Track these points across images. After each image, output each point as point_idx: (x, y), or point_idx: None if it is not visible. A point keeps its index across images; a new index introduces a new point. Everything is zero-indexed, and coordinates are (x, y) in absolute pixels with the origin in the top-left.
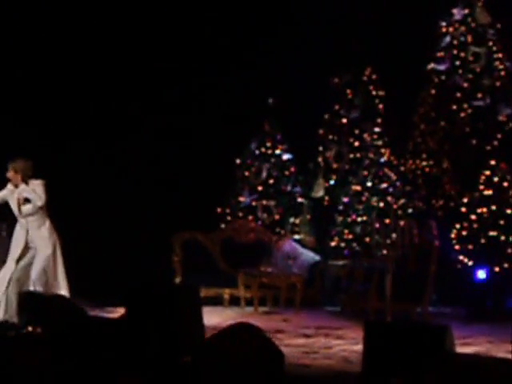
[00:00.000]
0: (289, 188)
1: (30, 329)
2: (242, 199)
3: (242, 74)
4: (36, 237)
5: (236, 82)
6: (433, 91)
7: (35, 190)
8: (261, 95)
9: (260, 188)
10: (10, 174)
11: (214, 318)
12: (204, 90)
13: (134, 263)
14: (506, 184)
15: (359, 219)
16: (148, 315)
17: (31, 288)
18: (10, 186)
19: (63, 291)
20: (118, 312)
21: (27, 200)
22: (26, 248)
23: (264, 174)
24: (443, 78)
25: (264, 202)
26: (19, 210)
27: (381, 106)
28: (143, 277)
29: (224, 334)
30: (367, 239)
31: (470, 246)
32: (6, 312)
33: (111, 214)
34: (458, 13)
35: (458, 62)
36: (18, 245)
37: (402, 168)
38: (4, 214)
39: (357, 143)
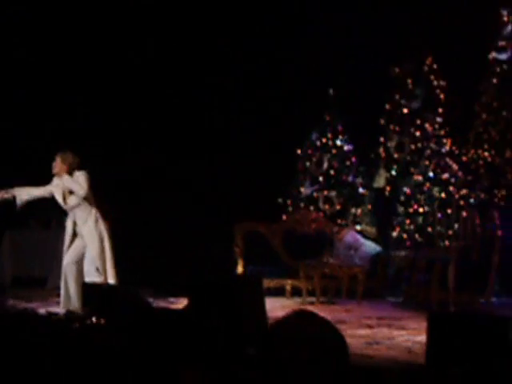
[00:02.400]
0: (350, 178)
1: (93, 320)
2: (303, 190)
3: (303, 64)
4: (83, 229)
5: (296, 73)
6: (494, 80)
7: (77, 181)
8: (321, 85)
9: (321, 179)
10: (55, 163)
11: (277, 308)
12: (265, 82)
13: (195, 253)
14: None
15: (421, 209)
16: (211, 306)
17: (86, 279)
18: (55, 180)
19: (111, 280)
20: (181, 303)
21: (71, 192)
22: (74, 237)
23: (325, 165)
24: (505, 67)
25: (325, 193)
26: (64, 201)
27: (442, 96)
28: (205, 267)
29: (285, 321)
30: (429, 229)
31: None
32: (65, 304)
33: (174, 204)
34: None
35: None
36: (66, 237)
37: (464, 158)
38: (53, 210)
39: (418, 133)
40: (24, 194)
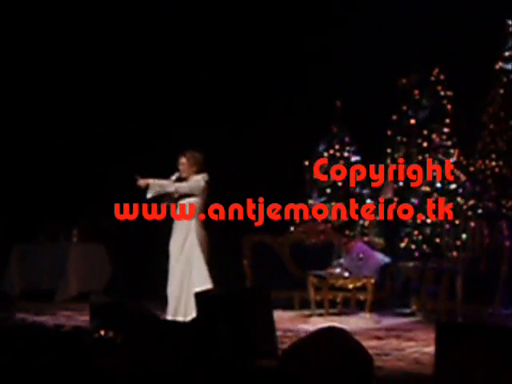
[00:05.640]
0: (357, 190)
1: (102, 333)
2: (310, 201)
3: (310, 76)
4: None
5: (304, 85)
6: (501, 91)
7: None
8: (328, 97)
9: (329, 190)
10: (186, 165)
11: (285, 320)
12: (272, 93)
13: None
14: None
15: (428, 220)
16: (220, 319)
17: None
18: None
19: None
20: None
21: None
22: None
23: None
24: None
25: (333, 204)
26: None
27: (449, 107)
28: (213, 280)
29: (312, 337)
30: (437, 240)
31: None
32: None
33: None
34: None
35: None
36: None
37: (472, 168)
38: (61, 223)
39: (425, 144)
40: (157, 186)
